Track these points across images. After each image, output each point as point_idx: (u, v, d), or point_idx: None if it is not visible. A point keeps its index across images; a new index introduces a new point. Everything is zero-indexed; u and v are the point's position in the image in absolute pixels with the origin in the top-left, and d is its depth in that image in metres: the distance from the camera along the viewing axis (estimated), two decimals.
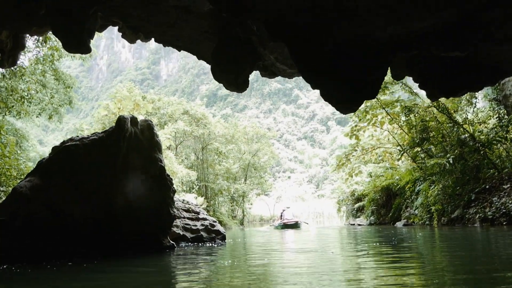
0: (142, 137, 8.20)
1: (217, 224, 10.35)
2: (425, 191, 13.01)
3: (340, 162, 16.54)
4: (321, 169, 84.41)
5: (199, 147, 24.64)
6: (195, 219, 10.17)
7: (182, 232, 9.60)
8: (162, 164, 8.21)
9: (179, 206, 10.09)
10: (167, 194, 8.11)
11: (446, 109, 13.32)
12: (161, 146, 8.41)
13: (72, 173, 7.65)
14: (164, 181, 8.14)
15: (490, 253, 5.65)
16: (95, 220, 7.52)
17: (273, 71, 6.45)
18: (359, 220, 18.16)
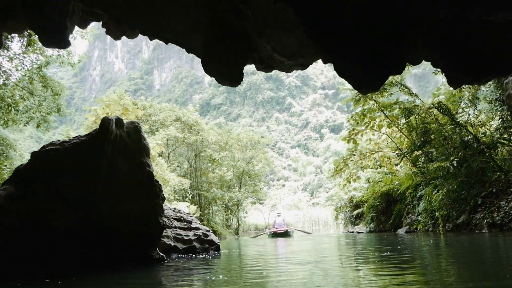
0: (128, 140, 7.57)
1: (210, 234, 9.69)
2: (428, 196, 12.44)
3: (337, 167, 15.95)
4: (315, 177, 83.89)
5: (192, 155, 23.98)
6: (187, 228, 9.51)
7: (173, 242, 8.93)
8: (150, 169, 7.58)
9: (170, 215, 9.44)
10: (155, 201, 7.47)
11: (448, 110, 12.81)
12: (149, 150, 7.78)
13: (52, 180, 7.01)
14: (152, 187, 7.50)
15: (501, 261, 5.09)
16: (76, 231, 6.87)
17: (270, 63, 5.87)
18: (358, 228, 17.54)
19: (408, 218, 14.66)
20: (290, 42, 5.07)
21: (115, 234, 7.10)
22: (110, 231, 7.09)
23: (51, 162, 6.98)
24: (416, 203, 14.34)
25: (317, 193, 74.36)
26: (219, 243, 9.68)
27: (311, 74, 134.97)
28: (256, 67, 6.15)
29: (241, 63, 5.13)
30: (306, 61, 5.67)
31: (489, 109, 14.40)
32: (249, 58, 5.43)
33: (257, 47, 5.25)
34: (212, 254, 9.07)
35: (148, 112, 21.04)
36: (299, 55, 5.37)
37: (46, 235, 6.64)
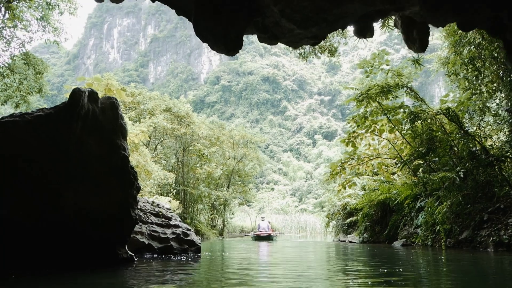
0: (102, 118, 6.54)
1: (191, 233, 8.68)
2: (430, 207, 11.52)
3: (334, 171, 14.99)
4: (305, 183, 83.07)
5: (181, 149, 22.87)
6: (165, 225, 8.49)
7: (147, 240, 7.91)
8: (125, 153, 6.55)
9: (147, 209, 8.42)
10: (129, 191, 6.44)
11: (457, 117, 11.93)
12: (126, 131, 6.75)
13: (7, 160, 5.97)
14: (126, 175, 6.48)
15: None
16: (33, 224, 5.83)
17: (275, 33, 4.89)
18: (350, 237, 16.60)
19: (404, 230, 13.75)
20: (303, 4, 4.10)
21: (78, 227, 6.06)
22: (72, 224, 6.06)
23: (6, 137, 5.93)
24: (414, 214, 13.44)
25: (305, 199, 73.58)
26: (200, 244, 8.67)
27: (308, 78, 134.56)
28: (259, 37, 5.16)
29: (241, 24, 4.14)
30: (319, 32, 4.72)
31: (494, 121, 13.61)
32: (251, 23, 4.43)
33: (261, 8, 4.26)
34: (192, 257, 8.06)
35: (137, 100, 19.95)
36: (313, 23, 4.40)
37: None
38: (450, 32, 14.19)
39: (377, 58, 13.67)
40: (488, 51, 10.99)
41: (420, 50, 8.88)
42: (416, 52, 9.65)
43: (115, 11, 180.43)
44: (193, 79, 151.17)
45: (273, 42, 5.25)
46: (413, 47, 8.92)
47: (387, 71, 13.85)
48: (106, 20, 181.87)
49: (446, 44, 15.74)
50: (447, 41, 14.86)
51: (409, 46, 9.01)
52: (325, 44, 16.06)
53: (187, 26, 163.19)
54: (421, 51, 9.01)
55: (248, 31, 5.15)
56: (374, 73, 14.08)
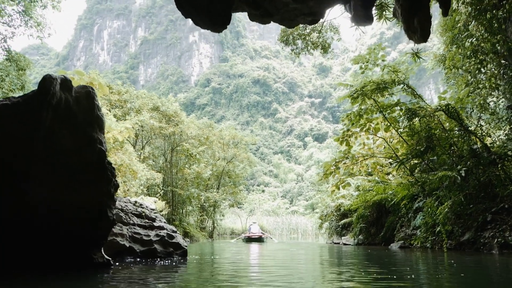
0: (76, 108, 5.88)
1: (177, 236, 8.02)
2: (430, 208, 10.98)
3: (327, 171, 14.41)
4: (296, 185, 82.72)
5: (169, 148, 22.14)
6: (148, 227, 7.83)
7: (129, 243, 7.25)
8: (102, 147, 5.89)
9: (129, 209, 7.75)
10: (106, 189, 5.79)
11: (457, 113, 11.43)
12: (103, 123, 6.09)
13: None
14: (103, 171, 5.82)
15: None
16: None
17: (267, 9, 4.30)
18: (345, 239, 16.03)
19: (402, 231, 13.21)
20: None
21: (47, 227, 5.40)
22: (42, 224, 5.40)
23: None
24: (412, 215, 12.90)
25: (296, 201, 73.19)
26: (186, 247, 8.01)
27: (298, 81, 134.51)
28: (250, 15, 4.56)
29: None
30: (317, 7, 4.16)
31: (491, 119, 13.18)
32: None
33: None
34: (177, 261, 7.40)
35: (124, 98, 19.22)
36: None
37: None
38: (448, 27, 13.75)
39: (372, 53, 13.15)
40: (490, 43, 10.51)
41: (421, 40, 8.34)
42: (417, 43, 9.09)
43: (105, 13, 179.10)
44: (183, 81, 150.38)
45: (266, 20, 4.65)
46: (414, 37, 8.38)
47: (383, 67, 13.34)
48: (96, 22, 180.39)
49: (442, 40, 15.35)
50: (445, 36, 14.43)
51: (409, 36, 8.47)
52: (318, 40, 15.55)
53: (178, 28, 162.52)
54: (422, 41, 8.46)
55: (237, 8, 4.56)
56: (369, 69, 13.56)
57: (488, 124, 13.31)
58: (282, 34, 14.64)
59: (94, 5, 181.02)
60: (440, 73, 50.73)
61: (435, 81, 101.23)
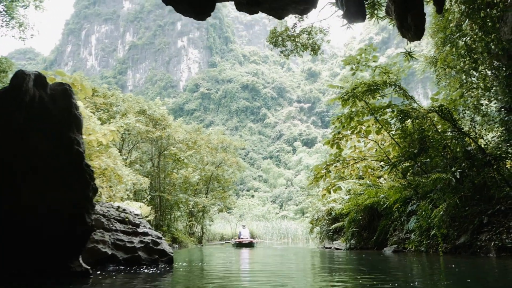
0: (52, 107, 5.47)
1: (162, 242, 7.61)
2: (424, 211, 10.71)
3: (318, 174, 14.09)
4: (285, 189, 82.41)
5: (156, 153, 21.65)
6: (132, 233, 7.41)
7: (111, 250, 6.82)
8: (80, 148, 5.49)
9: (111, 215, 7.33)
10: (84, 193, 5.38)
11: (450, 114, 11.22)
12: (81, 122, 5.69)
13: None
14: (81, 173, 5.42)
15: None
16: None
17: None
18: (336, 244, 15.69)
19: (395, 235, 12.93)
20: None
21: (22, 235, 4.98)
22: (15, 231, 4.98)
23: None
24: (405, 219, 12.63)
25: (286, 206, 72.89)
26: (172, 254, 7.59)
27: (287, 86, 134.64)
28: (237, 4, 4.25)
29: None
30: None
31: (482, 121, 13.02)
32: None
33: None
34: (162, 268, 6.98)
35: (109, 101, 18.73)
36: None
37: None
38: (440, 28, 13.58)
39: (364, 54, 12.89)
40: (484, 43, 10.31)
41: (415, 38, 8.11)
42: (410, 41, 8.86)
43: (93, 18, 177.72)
44: (172, 87, 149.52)
45: (254, 9, 4.32)
46: (407, 35, 8.15)
47: (374, 68, 13.10)
48: (84, 26, 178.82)
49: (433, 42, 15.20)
50: (436, 37, 14.27)
51: (403, 34, 8.23)
52: (307, 42, 15.29)
53: (166, 33, 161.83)
54: (417, 39, 8.23)
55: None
56: (360, 70, 13.31)
57: (481, 126, 13.15)
58: (271, 36, 14.33)
59: (81, 9, 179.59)
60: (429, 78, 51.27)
61: (423, 85, 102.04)
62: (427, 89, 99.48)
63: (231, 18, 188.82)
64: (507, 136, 11.74)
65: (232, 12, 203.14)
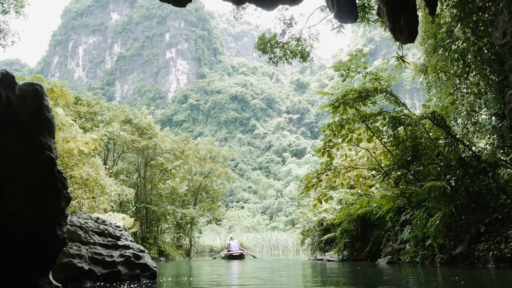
0: (20, 109, 4.99)
1: (144, 256, 7.12)
2: (419, 220, 10.35)
3: (309, 183, 13.70)
4: (275, 200, 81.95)
5: (142, 163, 21.09)
6: (112, 246, 6.92)
7: (88, 265, 6.32)
8: (52, 154, 5.02)
9: (89, 227, 6.84)
10: (55, 203, 4.90)
11: (444, 121, 10.95)
12: (53, 126, 5.23)
13: None
14: (51, 181, 4.94)
15: None
16: None
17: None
18: (328, 255, 15.26)
19: (388, 246, 12.55)
20: None
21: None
22: None
23: None
24: (399, 229, 12.27)
25: (276, 217, 72.42)
26: (155, 269, 7.10)
27: (276, 97, 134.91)
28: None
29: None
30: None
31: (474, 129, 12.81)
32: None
33: None
34: (144, 284, 6.49)
35: (93, 110, 18.20)
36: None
37: None
38: (430, 35, 13.42)
39: (354, 59, 12.62)
40: (477, 47, 10.10)
41: (408, 40, 7.83)
42: (403, 43, 8.59)
43: (81, 29, 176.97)
44: (160, 98, 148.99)
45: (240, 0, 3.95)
46: (400, 37, 7.86)
47: (365, 74, 12.83)
48: (71, 37, 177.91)
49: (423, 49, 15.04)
50: (426, 44, 14.10)
51: (395, 36, 7.95)
52: (296, 49, 15.03)
53: (155, 44, 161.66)
54: (409, 41, 7.95)
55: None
56: (351, 76, 13.02)
57: (473, 133, 12.93)
58: (259, 42, 14.04)
59: (69, 21, 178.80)
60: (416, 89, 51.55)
61: (411, 96, 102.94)
62: (414, 100, 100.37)
63: (219, 29, 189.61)
64: (501, 143, 11.51)
65: (220, 24, 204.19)
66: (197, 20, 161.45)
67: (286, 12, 13.72)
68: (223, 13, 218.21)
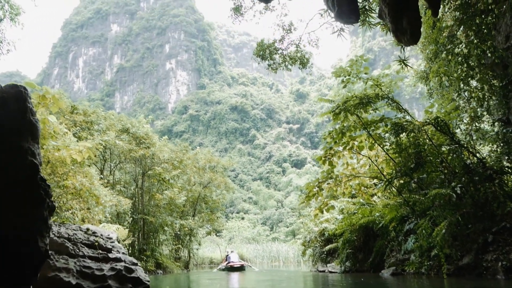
0: (1, 112, 4.73)
1: (137, 269, 6.76)
2: (424, 230, 9.97)
3: (310, 193, 13.35)
4: (276, 211, 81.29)
5: (140, 172, 20.72)
6: (102, 259, 6.56)
7: (76, 280, 5.97)
8: (35, 160, 4.71)
9: (78, 238, 6.49)
10: (37, 212, 4.58)
11: (447, 127, 10.65)
12: (37, 130, 4.92)
13: None
14: (34, 189, 4.62)
15: None
16: None
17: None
18: (330, 266, 14.83)
19: (392, 257, 12.16)
20: None
21: None
22: None
23: None
24: (402, 239, 11.89)
25: (277, 228, 71.76)
26: (148, 283, 6.74)
27: (276, 107, 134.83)
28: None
29: None
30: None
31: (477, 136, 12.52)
32: None
33: None
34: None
35: (90, 119, 17.90)
36: None
37: None
38: (431, 40, 13.16)
39: (354, 65, 12.35)
40: (480, 50, 9.82)
41: (411, 41, 7.56)
42: (406, 45, 8.35)
43: (81, 41, 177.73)
44: (160, 109, 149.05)
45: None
46: (403, 39, 7.57)
47: (365, 80, 12.55)
48: (71, 49, 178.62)
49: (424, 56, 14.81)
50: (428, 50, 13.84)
51: (398, 38, 7.67)
52: (296, 55, 14.77)
53: (154, 56, 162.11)
54: (413, 43, 7.67)
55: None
56: (352, 82, 12.74)
57: (476, 139, 12.63)
58: (258, 48, 13.77)
59: (69, 32, 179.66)
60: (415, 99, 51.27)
61: (410, 106, 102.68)
62: (414, 109, 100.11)
63: (219, 40, 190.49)
64: (506, 149, 11.21)
65: (220, 34, 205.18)
66: (197, 31, 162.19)
67: (285, 18, 13.49)
68: (222, 24, 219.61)
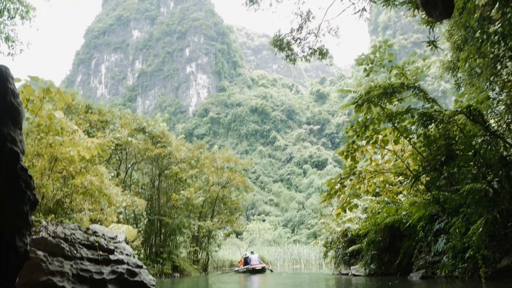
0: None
1: (141, 272, 6.14)
2: (458, 229, 9.10)
3: (331, 190, 12.57)
4: (297, 213, 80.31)
5: (156, 173, 20.25)
6: (102, 261, 5.97)
7: (71, 284, 5.39)
8: (15, 147, 4.13)
9: (76, 239, 5.91)
10: (16, 206, 4.00)
11: (481, 116, 9.75)
12: (19, 114, 4.34)
13: None
14: (12, 179, 4.05)
15: None
16: None
17: None
18: (354, 269, 13.99)
19: (421, 258, 11.27)
20: None
21: None
22: None
23: None
24: (432, 239, 11.00)
25: (298, 230, 70.84)
26: (153, 287, 6.11)
27: (296, 108, 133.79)
28: None
29: None
30: None
31: None
32: None
33: None
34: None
35: (105, 119, 17.53)
36: None
37: None
38: (460, 25, 12.24)
39: (378, 52, 11.53)
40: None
41: (443, 16, 6.75)
42: (437, 20, 7.54)
43: (103, 47, 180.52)
44: (181, 112, 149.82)
45: None
46: (434, 13, 6.78)
47: (390, 68, 11.72)
48: (94, 56, 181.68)
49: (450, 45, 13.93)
50: (456, 36, 12.93)
51: (428, 13, 6.88)
52: (315, 45, 14.04)
53: (175, 59, 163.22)
54: (445, 17, 6.86)
55: None
56: (375, 71, 11.92)
57: None
58: (274, 38, 13.11)
59: (91, 39, 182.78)
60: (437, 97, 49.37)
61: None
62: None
63: (238, 43, 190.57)
64: None
65: (239, 37, 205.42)
66: (216, 34, 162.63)
67: (303, 6, 12.79)
68: (242, 26, 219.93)
